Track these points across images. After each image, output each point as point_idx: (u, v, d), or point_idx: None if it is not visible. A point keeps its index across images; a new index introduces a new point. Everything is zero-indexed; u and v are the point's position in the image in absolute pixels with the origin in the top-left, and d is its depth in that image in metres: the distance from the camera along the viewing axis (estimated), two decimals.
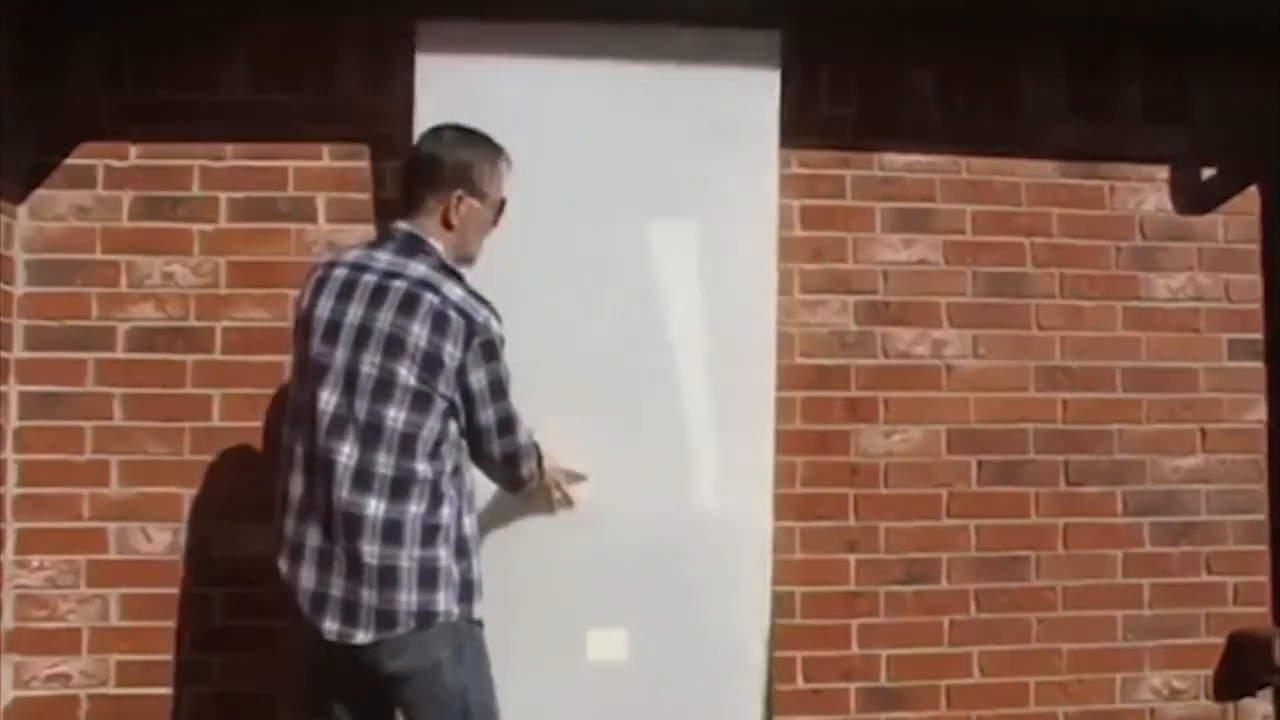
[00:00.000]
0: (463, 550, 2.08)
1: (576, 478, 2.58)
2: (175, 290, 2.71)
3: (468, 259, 2.21)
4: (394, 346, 2.02)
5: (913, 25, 2.88)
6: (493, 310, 2.13)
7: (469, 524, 2.12)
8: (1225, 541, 2.96)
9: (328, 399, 2.02)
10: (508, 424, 2.19)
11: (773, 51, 2.75)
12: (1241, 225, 3.03)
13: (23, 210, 2.68)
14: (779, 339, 2.83)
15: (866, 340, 2.88)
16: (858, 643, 2.81)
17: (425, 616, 1.98)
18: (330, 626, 1.98)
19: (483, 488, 2.33)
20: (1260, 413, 3.00)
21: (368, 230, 2.73)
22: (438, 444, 2.04)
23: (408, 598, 1.97)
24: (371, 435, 2.00)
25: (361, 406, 2.00)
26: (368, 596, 1.96)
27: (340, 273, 2.11)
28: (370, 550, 1.96)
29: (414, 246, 2.11)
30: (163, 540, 2.66)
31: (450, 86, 2.65)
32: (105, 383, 2.68)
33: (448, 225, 2.15)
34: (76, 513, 2.65)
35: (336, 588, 1.98)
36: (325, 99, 2.76)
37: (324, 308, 2.08)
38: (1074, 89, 2.99)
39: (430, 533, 2.01)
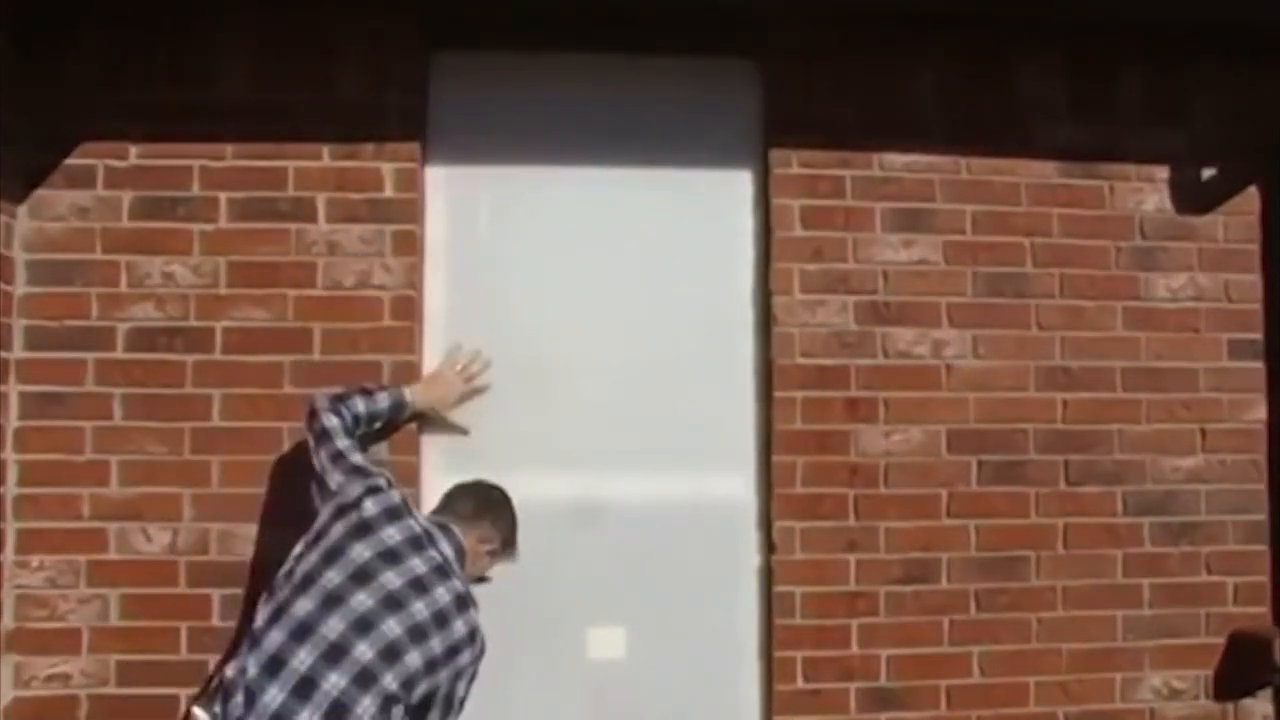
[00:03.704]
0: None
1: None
2: (175, 290, 2.71)
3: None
4: (440, 620, 2.24)
5: (913, 25, 2.88)
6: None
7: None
8: (1225, 541, 2.95)
9: (358, 593, 2.19)
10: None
11: (751, 79, 2.90)
12: (1241, 225, 3.03)
13: (23, 210, 2.68)
14: (779, 339, 2.84)
15: (866, 340, 2.88)
16: (858, 643, 2.81)
17: None
18: None
19: None
20: (1260, 413, 3.00)
21: (367, 230, 2.74)
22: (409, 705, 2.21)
23: None
24: (390, 654, 2.17)
25: (390, 624, 2.18)
26: None
27: (416, 528, 2.33)
28: None
29: (462, 556, 2.39)
30: (163, 540, 2.66)
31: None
32: (105, 383, 2.68)
33: (475, 557, 2.47)
34: (76, 513, 2.65)
35: None
36: (325, 99, 2.76)
37: (391, 536, 2.29)
38: (1074, 89, 2.99)
39: None
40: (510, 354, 2.80)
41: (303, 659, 2.06)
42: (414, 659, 2.13)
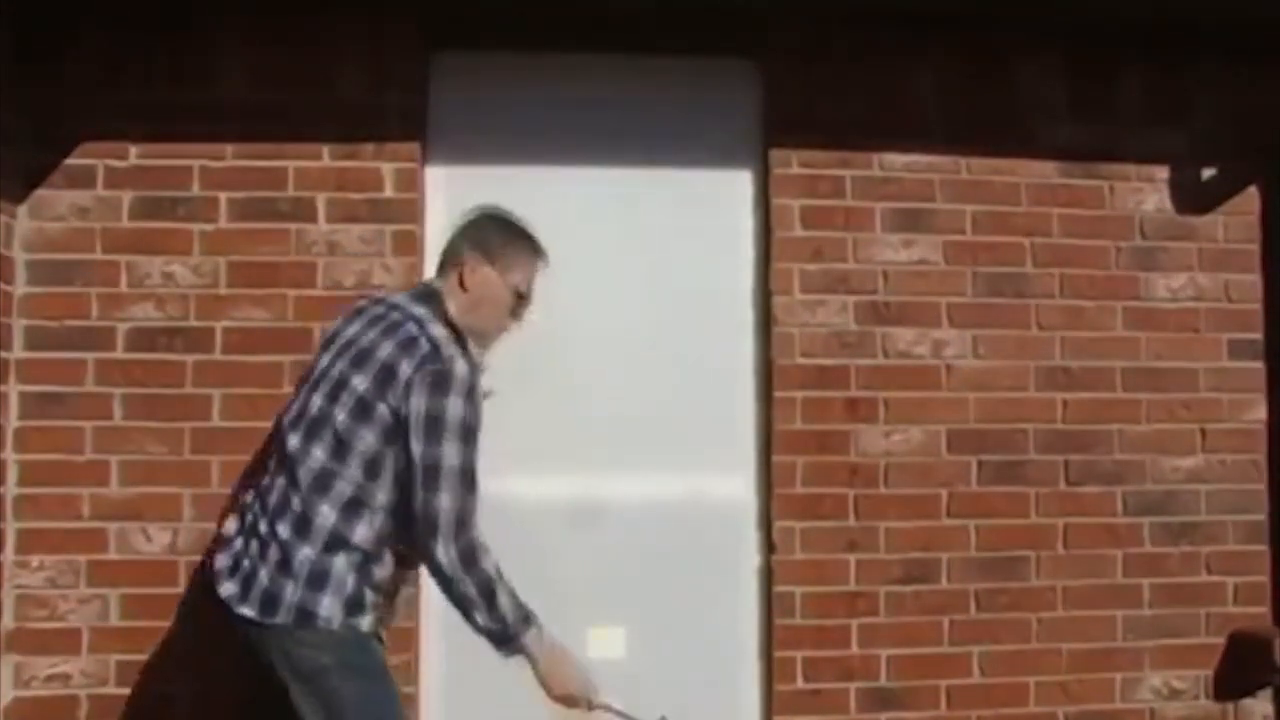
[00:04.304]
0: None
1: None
2: (175, 290, 2.71)
3: (480, 334, 2.19)
4: (361, 357, 2.03)
5: (913, 25, 2.88)
6: (471, 362, 2.07)
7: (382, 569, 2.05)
8: (1225, 541, 2.96)
9: (304, 396, 2.09)
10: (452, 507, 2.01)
11: (751, 79, 2.90)
12: (1241, 225, 3.03)
13: (23, 210, 2.68)
14: (779, 339, 2.84)
15: (866, 340, 2.88)
16: (858, 643, 2.81)
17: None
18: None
19: None
20: (1260, 413, 3.00)
21: (367, 230, 2.74)
22: (374, 461, 1.99)
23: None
24: (315, 427, 2.03)
25: (316, 402, 2.05)
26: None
27: (362, 303, 2.20)
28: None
29: (427, 296, 2.15)
30: (163, 540, 2.66)
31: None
32: (105, 383, 2.68)
33: (463, 286, 2.16)
34: (76, 513, 2.65)
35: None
36: (325, 99, 2.76)
37: (336, 328, 2.16)
38: (1074, 89, 2.99)
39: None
40: (510, 354, 2.79)
41: (256, 484, 2.13)
42: (342, 419, 1.99)
